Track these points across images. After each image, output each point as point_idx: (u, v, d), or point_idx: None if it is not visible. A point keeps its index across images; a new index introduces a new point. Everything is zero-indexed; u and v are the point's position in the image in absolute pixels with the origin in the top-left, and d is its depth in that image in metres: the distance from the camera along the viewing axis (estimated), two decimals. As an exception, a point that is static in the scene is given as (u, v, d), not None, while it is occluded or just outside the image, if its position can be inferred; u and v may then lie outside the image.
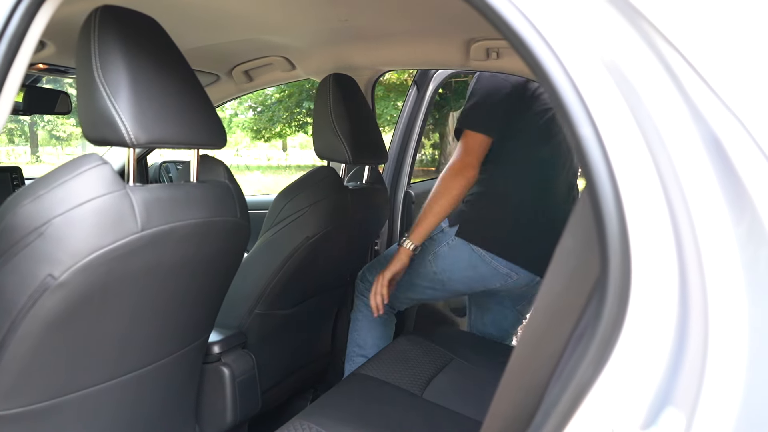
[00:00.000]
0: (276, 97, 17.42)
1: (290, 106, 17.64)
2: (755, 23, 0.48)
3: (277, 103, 17.63)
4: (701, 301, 0.48)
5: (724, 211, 0.48)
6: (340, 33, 1.70)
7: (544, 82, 0.56)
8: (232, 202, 1.17)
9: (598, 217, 0.53)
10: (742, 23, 0.48)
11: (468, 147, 1.63)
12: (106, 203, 0.90)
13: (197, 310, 1.22)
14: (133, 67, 0.96)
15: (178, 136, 1.03)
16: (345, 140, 1.58)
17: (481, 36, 1.64)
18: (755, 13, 0.48)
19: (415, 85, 2.36)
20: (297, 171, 18.60)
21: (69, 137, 22.81)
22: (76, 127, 22.05)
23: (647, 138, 0.51)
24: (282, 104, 17.63)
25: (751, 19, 0.48)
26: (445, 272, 1.75)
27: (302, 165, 22.13)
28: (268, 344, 1.66)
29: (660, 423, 0.47)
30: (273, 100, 17.72)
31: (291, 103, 17.47)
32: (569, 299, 0.63)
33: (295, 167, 20.88)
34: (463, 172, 1.63)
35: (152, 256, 0.99)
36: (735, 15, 0.48)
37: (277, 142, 25.22)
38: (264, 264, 1.57)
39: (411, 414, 1.41)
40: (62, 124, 21.54)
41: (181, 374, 1.28)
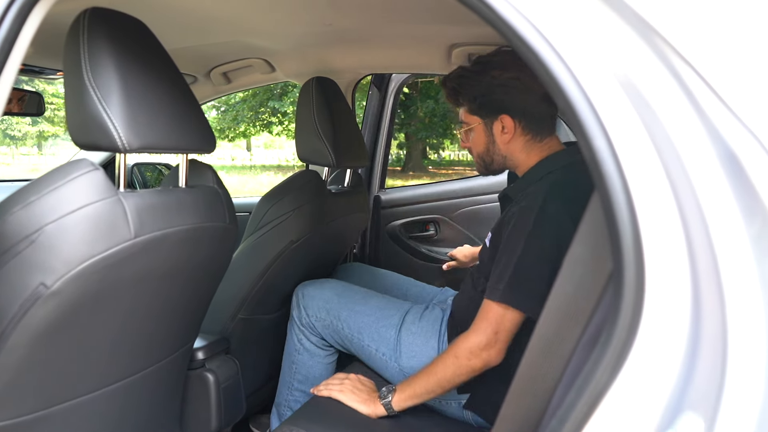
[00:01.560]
0: (240, 97, 17.25)
1: (254, 106, 17.48)
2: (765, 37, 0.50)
3: (241, 102, 17.46)
4: (716, 307, 0.50)
5: (737, 214, 0.49)
6: (323, 36, 1.69)
7: (558, 96, 0.58)
8: (221, 207, 1.16)
9: (612, 226, 0.55)
10: (753, 38, 0.50)
11: (501, 324, 1.28)
12: (98, 210, 0.89)
13: (186, 317, 1.21)
14: (124, 70, 0.95)
15: (169, 141, 1.01)
16: (328, 143, 1.58)
17: (462, 41, 1.66)
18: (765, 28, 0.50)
19: (373, 86, 2.35)
20: (262, 171, 18.44)
21: (24, 137, 22.14)
22: (31, 126, 21.39)
23: (658, 147, 0.53)
24: (246, 104, 17.45)
25: (761, 34, 0.50)
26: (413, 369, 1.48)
27: (267, 165, 21.97)
28: (251, 349, 1.65)
29: (677, 427, 0.49)
30: (237, 99, 17.54)
31: (255, 103, 17.31)
32: (577, 305, 0.64)
33: (260, 167, 20.70)
34: (489, 355, 1.29)
35: (145, 263, 0.98)
36: (746, 30, 0.51)
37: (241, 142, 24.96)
38: (247, 268, 1.56)
39: (398, 416, 1.42)
40: (17, 123, 20.88)
41: (167, 382, 1.27)
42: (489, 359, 1.29)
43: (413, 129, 16.39)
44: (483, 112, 1.42)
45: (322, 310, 1.59)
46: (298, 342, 1.64)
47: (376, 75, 2.31)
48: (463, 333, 1.32)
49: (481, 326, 1.29)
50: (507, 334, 1.29)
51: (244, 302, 1.57)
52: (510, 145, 1.42)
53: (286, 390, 1.67)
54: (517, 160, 1.45)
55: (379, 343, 1.52)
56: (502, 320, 1.28)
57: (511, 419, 0.67)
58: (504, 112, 1.39)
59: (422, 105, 14.17)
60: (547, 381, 0.66)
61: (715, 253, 0.49)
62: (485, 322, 1.29)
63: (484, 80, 1.40)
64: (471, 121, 1.45)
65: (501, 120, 1.40)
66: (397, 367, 1.50)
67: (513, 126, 1.40)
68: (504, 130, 1.41)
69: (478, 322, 1.30)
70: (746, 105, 0.49)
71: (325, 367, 1.65)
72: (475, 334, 1.29)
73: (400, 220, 2.42)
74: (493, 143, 1.44)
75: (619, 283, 0.54)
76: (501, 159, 1.46)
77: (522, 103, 1.39)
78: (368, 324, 1.54)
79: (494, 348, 1.28)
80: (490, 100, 1.40)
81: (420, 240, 2.42)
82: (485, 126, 1.43)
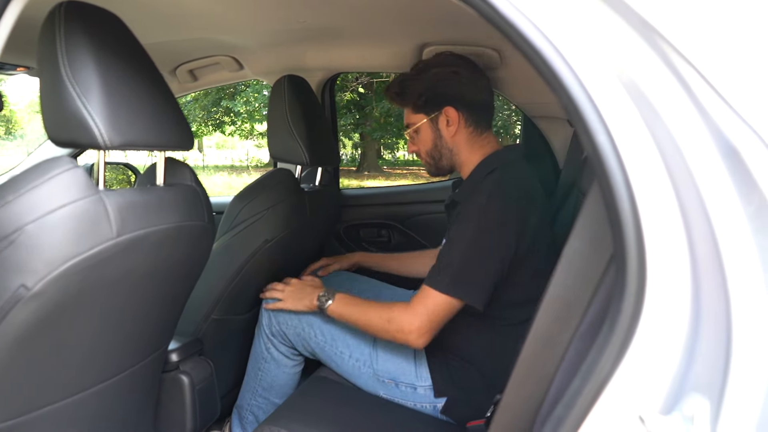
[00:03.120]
0: (192, 96, 16.91)
1: (206, 105, 17.17)
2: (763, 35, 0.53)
3: (193, 101, 17.11)
4: (716, 287, 0.52)
5: (734, 197, 0.52)
6: (294, 34, 1.69)
7: (562, 94, 0.60)
8: (201, 206, 1.14)
9: (614, 218, 0.57)
10: (751, 36, 0.53)
11: (436, 314, 1.32)
12: (80, 209, 0.86)
13: (163, 317, 1.19)
14: (102, 65, 0.92)
15: (149, 137, 0.99)
16: (302, 142, 1.58)
17: (433, 41, 1.68)
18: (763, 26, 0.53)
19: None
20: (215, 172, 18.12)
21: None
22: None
23: (658, 141, 0.56)
24: (198, 103, 17.13)
25: (759, 32, 0.53)
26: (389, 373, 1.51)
27: (220, 165, 21.60)
28: (224, 349, 1.63)
29: (683, 408, 0.51)
30: (188, 98, 17.18)
31: (207, 102, 17.01)
32: (576, 296, 0.67)
33: (213, 168, 20.34)
34: (417, 339, 1.33)
35: (126, 262, 0.96)
36: (745, 28, 0.54)
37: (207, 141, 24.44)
38: (220, 268, 1.54)
39: (375, 414, 1.42)
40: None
41: (143, 384, 1.24)
42: (412, 342, 1.34)
43: (368, 129, 16.41)
44: (428, 108, 1.49)
45: (293, 317, 1.58)
46: (265, 350, 1.63)
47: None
48: (404, 304, 1.37)
49: (418, 310, 1.34)
50: (440, 322, 1.34)
51: (218, 303, 1.55)
52: (456, 137, 1.49)
53: (249, 394, 1.66)
54: (463, 155, 1.51)
55: (353, 349, 1.52)
56: (438, 309, 1.33)
57: (512, 408, 0.69)
58: (447, 104, 1.46)
59: (378, 105, 14.20)
60: (546, 369, 0.68)
61: (715, 236, 0.52)
62: (423, 307, 1.33)
63: (425, 77, 1.47)
64: (416, 120, 1.52)
65: (445, 113, 1.47)
66: (371, 372, 1.50)
67: (457, 117, 1.47)
68: (449, 123, 1.47)
69: (416, 305, 1.34)
70: (745, 101, 0.51)
71: (292, 376, 1.66)
72: (412, 314, 1.34)
73: (350, 223, 2.39)
74: (440, 137, 1.50)
75: (623, 272, 0.56)
76: (449, 153, 1.52)
77: (463, 93, 1.47)
78: (342, 331, 1.55)
79: (424, 336, 1.33)
80: (434, 95, 1.47)
81: (373, 245, 2.40)
82: (431, 122, 1.50)
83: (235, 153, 27.97)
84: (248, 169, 19.87)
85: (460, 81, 1.46)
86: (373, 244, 2.36)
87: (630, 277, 0.56)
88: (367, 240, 2.36)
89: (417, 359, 1.49)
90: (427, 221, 2.30)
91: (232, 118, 18.40)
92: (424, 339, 1.34)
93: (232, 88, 15.97)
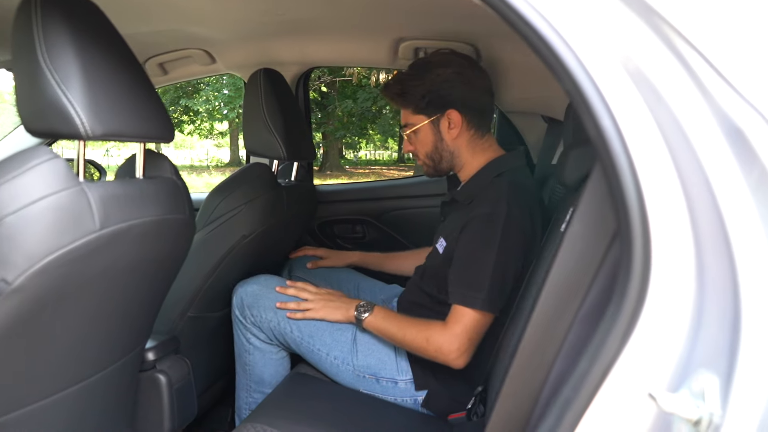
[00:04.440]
0: (149, 94, 16.50)
1: (164, 104, 16.80)
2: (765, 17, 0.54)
3: (151, 99, 16.71)
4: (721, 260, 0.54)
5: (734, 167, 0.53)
6: (269, 27, 1.66)
7: (565, 80, 0.61)
8: (182, 199, 1.12)
9: (619, 199, 0.58)
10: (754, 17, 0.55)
11: (475, 331, 1.32)
12: (62, 200, 0.83)
13: (143, 314, 1.16)
14: (82, 52, 0.89)
15: (131, 128, 0.97)
16: (279, 136, 1.56)
17: (409, 36, 1.68)
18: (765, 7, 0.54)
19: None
20: (174, 171, 17.70)
21: None
22: None
23: (660, 123, 0.57)
24: (156, 101, 16.72)
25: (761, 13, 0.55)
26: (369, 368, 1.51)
27: (179, 165, 21.12)
28: (200, 347, 1.59)
29: (692, 384, 0.53)
30: (146, 96, 16.76)
31: (165, 101, 16.65)
32: (577, 279, 0.68)
33: (172, 168, 19.88)
34: (457, 359, 1.33)
35: (109, 256, 0.93)
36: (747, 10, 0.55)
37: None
38: (196, 265, 1.50)
39: (357, 408, 1.42)
40: None
41: (120, 384, 1.20)
42: (453, 362, 1.33)
43: (331, 128, 16.35)
44: (430, 110, 1.47)
45: (268, 311, 1.54)
46: (246, 342, 1.59)
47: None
48: (441, 324, 1.35)
49: (456, 330, 1.32)
50: (478, 338, 1.34)
51: (194, 300, 1.52)
52: (457, 140, 1.48)
53: (244, 393, 1.62)
54: (463, 157, 1.50)
55: (331, 347, 1.50)
56: (477, 326, 1.32)
57: (513, 395, 0.70)
58: (451, 107, 1.44)
59: (341, 104, 14.16)
60: (547, 354, 0.69)
61: (720, 212, 0.53)
62: (460, 327, 1.32)
63: (428, 78, 1.44)
64: (416, 121, 1.49)
65: (448, 115, 1.45)
66: (351, 368, 1.49)
67: (460, 120, 1.45)
68: (451, 126, 1.46)
69: (453, 325, 1.32)
70: (748, 83, 0.53)
71: (280, 362, 1.61)
72: (450, 335, 1.32)
73: (324, 219, 2.36)
74: (441, 140, 1.48)
75: (629, 253, 0.57)
76: (449, 156, 1.50)
77: (467, 96, 1.45)
78: (320, 327, 1.52)
79: (463, 356, 1.33)
80: (437, 96, 1.45)
81: (347, 241, 2.39)
82: (432, 124, 1.48)
83: (195, 153, 27.48)
84: (209, 168, 19.54)
85: (463, 83, 1.44)
86: (348, 240, 2.35)
87: (635, 255, 0.57)
88: (342, 236, 2.35)
89: (397, 353, 1.49)
90: (403, 217, 2.30)
91: (191, 117, 18.08)
92: (465, 358, 1.33)
93: (191, 86, 15.70)
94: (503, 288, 1.32)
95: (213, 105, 16.20)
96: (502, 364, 1.28)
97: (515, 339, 0.72)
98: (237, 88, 14.67)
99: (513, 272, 1.33)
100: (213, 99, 15.88)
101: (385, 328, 1.43)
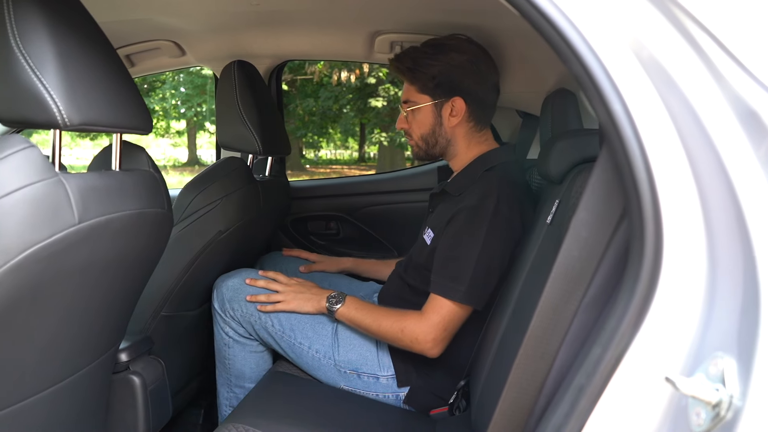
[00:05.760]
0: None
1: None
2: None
3: (104, 97, 16.27)
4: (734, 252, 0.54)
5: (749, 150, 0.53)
6: (241, 18, 1.62)
7: (574, 64, 0.60)
8: (160, 192, 1.08)
9: (630, 184, 0.58)
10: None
11: (452, 322, 1.32)
12: (39, 191, 0.79)
13: (119, 312, 1.11)
14: (57, 36, 0.85)
15: (110, 117, 0.92)
16: (254, 130, 1.52)
17: (385, 29, 1.66)
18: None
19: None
20: (129, 171, 17.29)
21: None
22: None
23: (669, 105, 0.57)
24: (109, 99, 16.28)
25: None
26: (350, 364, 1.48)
27: (134, 165, 20.60)
28: (174, 347, 1.54)
29: (708, 368, 0.53)
30: (99, 94, 16.29)
31: (120, 98, 16.20)
32: (582, 268, 0.67)
33: (126, 167, 19.41)
34: (433, 349, 1.32)
35: (88, 251, 0.89)
36: None
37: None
38: (170, 262, 1.45)
39: (339, 405, 1.40)
40: None
41: (94, 386, 1.15)
42: (428, 351, 1.33)
43: (291, 127, 16.19)
44: (437, 92, 1.44)
45: (249, 305, 1.50)
46: (225, 335, 1.55)
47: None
48: (417, 314, 1.34)
49: (433, 320, 1.31)
50: (455, 330, 1.34)
51: (168, 299, 1.47)
52: (456, 128, 1.46)
53: (225, 389, 1.58)
54: (458, 147, 1.49)
55: (313, 341, 1.48)
56: (455, 318, 1.32)
57: (518, 385, 0.69)
58: (458, 94, 1.43)
59: (301, 103, 14.03)
60: (552, 343, 0.68)
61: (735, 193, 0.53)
62: (438, 316, 1.31)
63: (442, 60, 1.42)
64: (420, 100, 1.46)
65: (452, 102, 1.43)
66: (332, 363, 1.46)
67: (463, 109, 1.44)
68: (452, 113, 1.44)
69: (431, 315, 1.32)
70: (762, 65, 0.53)
71: (260, 356, 1.57)
72: (426, 325, 1.31)
73: (297, 215, 2.32)
74: (440, 125, 1.46)
75: (641, 236, 0.57)
76: (444, 143, 1.48)
77: (475, 87, 1.44)
78: (302, 320, 1.49)
79: (439, 346, 1.33)
80: (447, 81, 1.42)
81: (321, 238, 2.35)
82: (435, 107, 1.45)
83: (150, 152, 26.79)
84: (166, 168, 19.11)
85: (475, 73, 1.43)
86: (322, 237, 2.32)
87: (647, 239, 0.57)
88: (315, 233, 2.32)
89: (379, 348, 1.47)
90: (378, 212, 2.28)
91: (147, 116, 17.61)
92: (440, 348, 1.33)
93: (147, 84, 15.31)
94: (486, 282, 1.32)
95: (170, 103, 15.83)
96: (486, 357, 1.27)
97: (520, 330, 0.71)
98: (195, 86, 14.39)
99: (498, 267, 1.32)
100: (170, 96, 15.52)
101: (358, 318, 1.41)
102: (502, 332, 1.21)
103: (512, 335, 1.08)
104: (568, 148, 1.16)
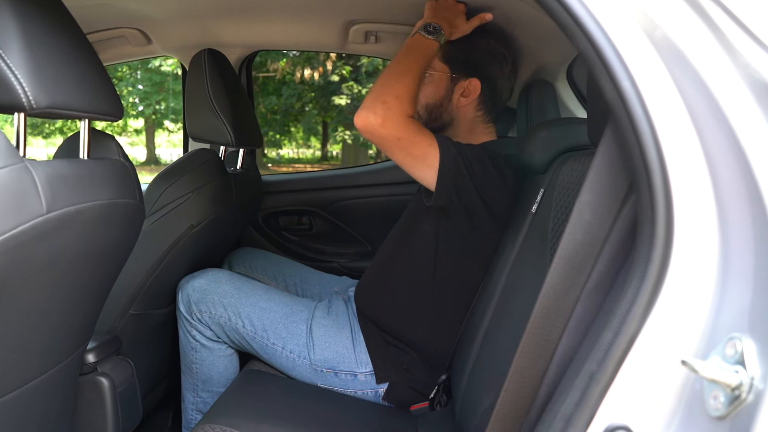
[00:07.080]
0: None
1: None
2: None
3: (58, 94, 15.77)
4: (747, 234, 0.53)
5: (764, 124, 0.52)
6: (210, 5, 1.57)
7: (581, 42, 0.58)
8: (131, 182, 1.02)
9: (638, 164, 0.56)
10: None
11: (419, 136, 1.24)
12: (3, 178, 0.73)
13: (89, 309, 1.05)
14: (21, 13, 0.79)
15: (78, 101, 0.87)
16: (226, 121, 1.47)
17: (360, 18, 1.63)
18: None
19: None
20: (86, 170, 16.84)
21: None
22: None
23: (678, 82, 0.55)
24: (64, 96, 15.79)
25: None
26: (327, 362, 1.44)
27: (90, 164, 20.06)
28: (144, 347, 1.48)
29: (724, 350, 0.51)
30: (52, 91, 15.78)
31: (74, 96, 15.73)
32: (585, 252, 0.65)
33: (83, 166, 18.88)
34: (374, 124, 1.20)
35: (57, 242, 0.83)
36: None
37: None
38: (139, 258, 1.39)
39: (317, 403, 1.36)
40: None
41: (62, 388, 1.09)
42: (371, 120, 1.20)
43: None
44: (459, 67, 1.40)
45: (218, 306, 1.44)
46: (192, 339, 1.48)
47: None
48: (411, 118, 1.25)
49: (411, 127, 1.22)
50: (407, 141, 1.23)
51: (136, 297, 1.40)
52: (463, 110, 1.43)
53: (191, 394, 1.51)
54: (460, 129, 1.45)
55: (287, 341, 1.42)
56: (416, 140, 1.23)
57: (521, 373, 0.67)
58: (477, 76, 1.40)
59: (264, 100, 13.86)
60: (555, 329, 0.67)
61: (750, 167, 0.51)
62: (415, 126, 1.23)
63: (477, 40, 1.39)
64: (438, 67, 1.41)
65: (469, 82, 1.40)
66: (308, 362, 1.42)
67: (477, 93, 1.41)
68: (465, 93, 1.41)
69: (411, 124, 1.23)
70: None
71: (228, 360, 1.52)
72: (402, 119, 1.21)
73: (268, 210, 2.26)
74: (449, 100, 1.42)
75: (653, 216, 0.55)
76: (448, 119, 1.45)
77: (496, 79, 1.42)
78: (274, 321, 1.43)
79: (377, 130, 1.21)
80: (474, 60, 1.40)
81: (293, 233, 2.30)
82: (450, 79, 1.41)
83: (107, 151, 26.07)
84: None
85: (502, 66, 1.41)
86: (294, 232, 2.26)
87: (658, 219, 0.55)
88: (287, 228, 2.26)
89: (356, 344, 1.43)
90: (351, 207, 2.24)
91: (103, 114, 17.13)
92: (377, 122, 1.20)
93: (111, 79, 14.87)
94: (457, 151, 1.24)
95: (127, 101, 15.42)
96: (469, 351, 1.26)
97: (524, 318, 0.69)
98: (153, 84, 14.04)
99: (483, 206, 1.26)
100: (127, 94, 15.12)
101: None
102: (486, 324, 1.19)
103: (503, 326, 1.06)
104: (552, 136, 1.15)
